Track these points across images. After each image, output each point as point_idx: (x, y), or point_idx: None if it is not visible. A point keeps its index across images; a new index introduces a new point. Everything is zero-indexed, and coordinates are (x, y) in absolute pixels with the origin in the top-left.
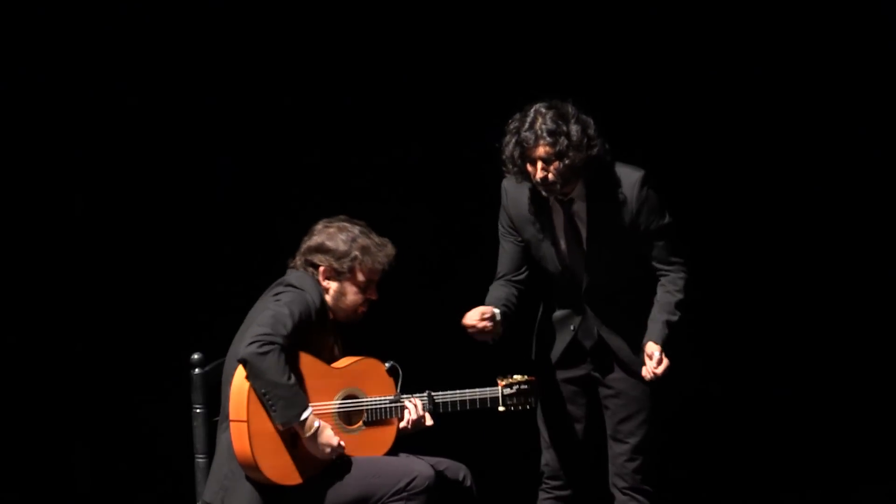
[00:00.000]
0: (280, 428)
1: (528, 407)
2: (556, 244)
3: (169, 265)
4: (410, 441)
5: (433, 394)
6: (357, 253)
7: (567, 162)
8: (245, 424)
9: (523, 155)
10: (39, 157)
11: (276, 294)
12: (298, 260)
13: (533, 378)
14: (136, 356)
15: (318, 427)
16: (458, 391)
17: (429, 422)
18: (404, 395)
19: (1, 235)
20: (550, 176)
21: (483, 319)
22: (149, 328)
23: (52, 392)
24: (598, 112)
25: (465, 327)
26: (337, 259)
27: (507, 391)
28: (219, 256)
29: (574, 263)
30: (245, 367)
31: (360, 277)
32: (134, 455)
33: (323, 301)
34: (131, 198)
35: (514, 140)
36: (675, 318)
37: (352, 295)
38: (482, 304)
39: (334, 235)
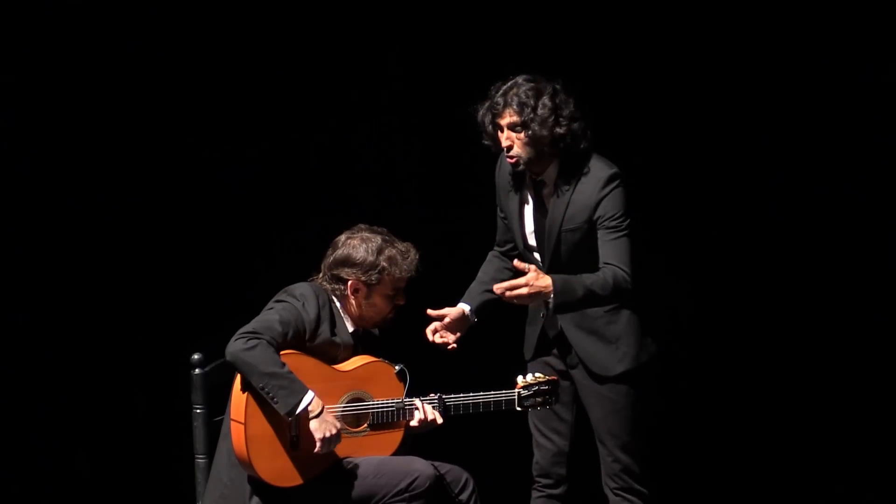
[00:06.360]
0: (288, 419)
1: (547, 407)
2: (523, 224)
3: (169, 265)
4: (412, 442)
5: (444, 397)
6: (384, 264)
7: (530, 133)
8: (242, 426)
9: (492, 121)
10: (39, 155)
11: (276, 300)
12: (323, 275)
13: (555, 378)
14: (136, 356)
15: (322, 411)
16: (470, 394)
17: (439, 420)
18: (414, 399)
19: (1, 235)
20: (515, 146)
21: (444, 327)
22: (149, 328)
23: (52, 391)
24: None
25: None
26: (364, 272)
27: (525, 392)
28: (219, 256)
29: (538, 247)
30: (235, 366)
31: (389, 287)
32: (134, 455)
33: (330, 313)
34: (131, 197)
35: (487, 104)
36: (578, 293)
37: (381, 304)
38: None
39: (358, 247)
